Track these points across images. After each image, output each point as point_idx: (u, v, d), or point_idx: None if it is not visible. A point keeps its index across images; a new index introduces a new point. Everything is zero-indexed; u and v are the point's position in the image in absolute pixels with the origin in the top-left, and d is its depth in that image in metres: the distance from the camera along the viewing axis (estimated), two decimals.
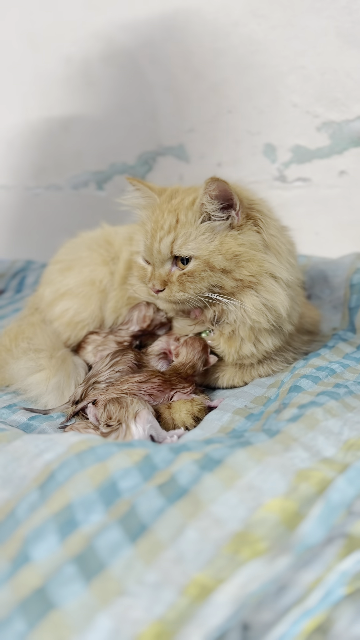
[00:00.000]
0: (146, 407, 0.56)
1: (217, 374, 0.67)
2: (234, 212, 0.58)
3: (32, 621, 0.28)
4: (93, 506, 0.36)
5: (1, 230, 1.42)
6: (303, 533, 0.32)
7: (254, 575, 0.29)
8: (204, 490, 0.36)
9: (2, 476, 0.41)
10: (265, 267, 0.58)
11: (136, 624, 0.28)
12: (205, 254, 0.58)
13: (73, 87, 1.16)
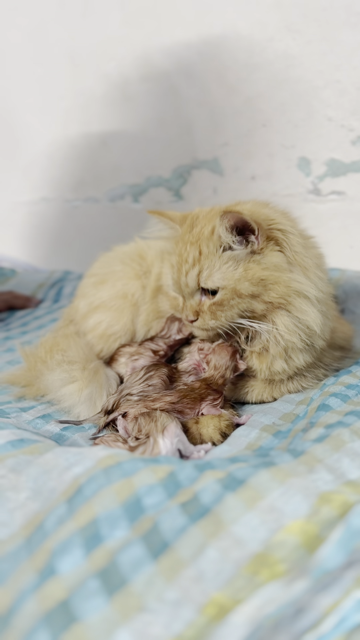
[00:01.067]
0: (174, 421, 0.57)
1: (247, 389, 0.67)
2: (253, 237, 0.59)
3: (55, 633, 0.29)
4: (118, 522, 0.37)
5: (41, 240, 1.47)
6: (322, 557, 0.32)
7: (272, 597, 0.30)
8: (225, 510, 0.37)
9: (32, 488, 0.43)
10: (293, 287, 0.58)
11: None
12: (231, 283, 0.59)
13: (111, 104, 1.19)
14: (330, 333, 0.68)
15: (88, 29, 1.17)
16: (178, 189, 1.15)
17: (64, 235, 1.40)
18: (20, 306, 1.19)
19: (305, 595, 0.31)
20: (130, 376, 0.69)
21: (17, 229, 1.52)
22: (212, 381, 0.64)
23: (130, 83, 1.14)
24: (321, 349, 0.66)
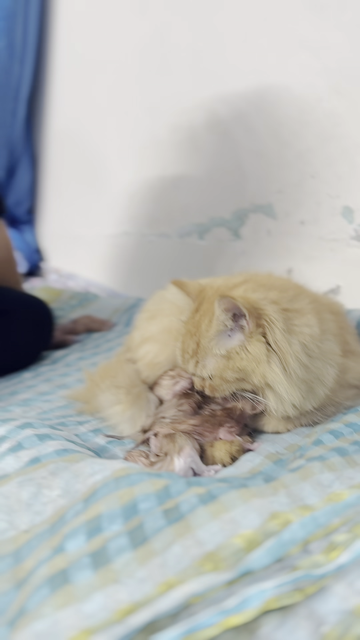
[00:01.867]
0: (190, 443, 0.68)
1: (263, 421, 0.77)
2: (244, 321, 0.66)
3: (54, 588, 0.42)
4: (115, 519, 0.50)
5: (121, 269, 1.64)
6: (251, 559, 0.42)
7: (204, 582, 0.40)
8: (195, 517, 0.48)
9: (63, 488, 0.56)
10: (267, 379, 0.66)
11: (118, 602, 0.40)
12: (219, 373, 0.68)
13: (181, 151, 1.33)
14: (343, 373, 0.75)
15: (163, 85, 1.32)
16: (237, 229, 1.26)
17: (140, 266, 1.56)
18: (97, 329, 1.36)
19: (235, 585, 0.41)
20: (166, 401, 0.81)
21: (103, 258, 1.71)
22: (232, 411, 0.75)
23: (197, 133, 1.28)
24: (332, 389, 0.74)
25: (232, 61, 1.17)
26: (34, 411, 0.89)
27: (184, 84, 1.27)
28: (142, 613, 0.38)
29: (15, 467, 0.62)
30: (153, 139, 1.40)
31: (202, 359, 0.70)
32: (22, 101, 1.74)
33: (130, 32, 1.39)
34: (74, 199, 1.79)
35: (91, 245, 1.73)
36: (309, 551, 0.45)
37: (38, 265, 1.99)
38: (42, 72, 1.76)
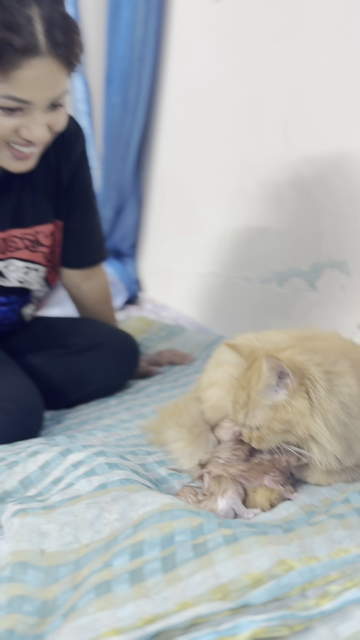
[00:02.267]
0: (234, 487, 0.79)
1: (307, 473, 0.85)
2: (288, 379, 0.75)
3: (98, 594, 0.55)
4: (155, 546, 0.61)
5: (207, 305, 1.77)
6: (252, 595, 0.52)
7: (211, 607, 0.51)
8: (218, 554, 0.59)
9: (120, 514, 0.69)
10: (311, 431, 0.74)
11: (144, 613, 0.52)
12: (266, 424, 0.77)
13: (267, 205, 1.44)
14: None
15: (254, 144, 1.44)
16: (313, 281, 1.34)
17: (224, 304, 1.68)
18: (179, 362, 1.49)
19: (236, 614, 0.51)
20: (222, 443, 0.92)
21: (192, 293, 1.85)
22: (278, 462, 0.84)
23: (282, 190, 1.38)
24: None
25: (317, 127, 1.27)
26: (113, 437, 1.03)
27: (272, 144, 1.38)
28: (159, 623, 0.50)
29: (87, 489, 0.76)
30: (242, 191, 1.52)
31: (251, 410, 0.80)
32: (133, 149, 1.94)
33: (229, 95, 1.53)
34: (171, 237, 1.95)
35: (183, 281, 1.88)
36: (305, 596, 0.54)
37: (137, 295, 2.18)
38: (151, 124, 1.96)
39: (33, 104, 0.89)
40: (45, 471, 0.85)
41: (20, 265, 1.18)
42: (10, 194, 1.11)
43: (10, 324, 1.26)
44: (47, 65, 0.86)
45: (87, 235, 1.26)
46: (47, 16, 0.85)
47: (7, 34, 0.81)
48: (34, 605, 0.56)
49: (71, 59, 0.90)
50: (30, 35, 0.83)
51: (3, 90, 0.85)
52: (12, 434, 1.00)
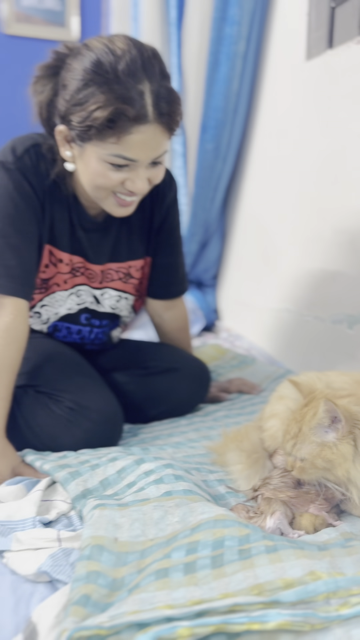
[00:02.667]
0: (282, 510, 0.89)
1: (351, 506, 0.93)
2: (340, 425, 0.84)
3: (158, 578, 0.68)
4: (207, 547, 0.73)
5: (279, 339, 1.87)
6: (282, 594, 0.63)
7: (247, 599, 0.62)
8: (259, 560, 0.70)
9: (180, 517, 0.82)
10: (350, 475, 0.83)
11: (192, 596, 0.64)
12: (310, 458, 0.86)
13: (342, 250, 1.54)
14: None
15: (333, 193, 1.55)
16: None
17: (295, 340, 1.78)
18: (247, 392, 1.60)
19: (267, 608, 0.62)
20: (275, 470, 1.02)
21: (265, 326, 1.96)
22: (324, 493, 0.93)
23: (356, 236, 1.47)
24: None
25: None
26: (180, 453, 1.16)
27: (349, 194, 1.48)
28: (204, 605, 0.62)
29: (155, 494, 0.89)
30: (319, 235, 1.62)
31: (300, 442, 0.90)
32: (220, 191, 2.10)
33: (311, 146, 1.64)
34: (250, 272, 2.08)
35: (258, 314, 2.00)
36: (329, 603, 0.64)
37: (214, 323, 2.32)
38: (239, 169, 2.11)
39: (138, 162, 1.06)
40: (121, 475, 0.99)
41: (114, 294, 1.35)
42: (111, 234, 1.29)
43: (100, 344, 1.44)
44: (152, 131, 1.03)
45: (171, 271, 1.43)
46: (155, 90, 1.02)
47: (122, 106, 0.99)
48: (106, 580, 0.70)
49: (172, 125, 1.07)
50: (140, 107, 1.00)
51: (115, 150, 1.03)
52: (95, 441, 1.16)
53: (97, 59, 1.00)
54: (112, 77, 0.98)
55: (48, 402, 1.18)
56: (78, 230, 1.24)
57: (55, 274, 1.26)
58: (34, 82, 1.13)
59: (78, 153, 1.09)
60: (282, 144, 1.85)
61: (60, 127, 1.08)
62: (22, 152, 1.13)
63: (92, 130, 1.01)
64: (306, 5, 1.66)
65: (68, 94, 1.03)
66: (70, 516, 0.94)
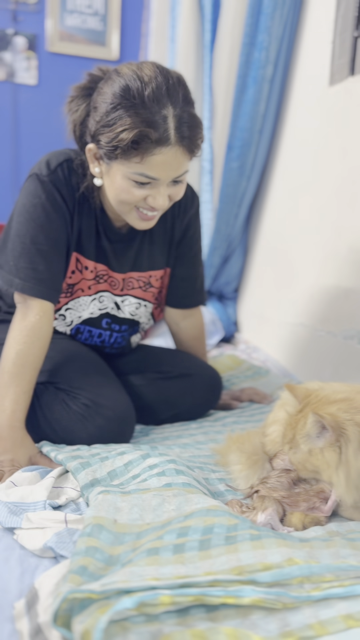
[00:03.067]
0: (274, 507, 0.95)
1: (342, 508, 0.98)
2: (327, 434, 0.90)
3: (149, 555, 0.74)
4: (197, 532, 0.80)
5: (294, 352, 1.93)
6: (259, 575, 0.69)
7: (226, 576, 0.69)
8: (243, 546, 0.76)
9: (177, 506, 0.89)
10: (332, 480, 0.89)
11: (178, 572, 0.71)
12: (302, 461, 0.93)
13: (355, 268, 1.59)
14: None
15: (350, 215, 1.61)
16: None
17: (308, 354, 1.83)
18: (258, 401, 1.66)
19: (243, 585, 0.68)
20: (274, 471, 1.08)
21: (281, 339, 2.02)
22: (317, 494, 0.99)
23: None
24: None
25: None
26: (187, 454, 1.23)
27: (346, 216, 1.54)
28: (187, 579, 0.68)
29: (155, 485, 0.96)
30: (335, 253, 1.68)
31: (294, 447, 0.96)
32: (244, 207, 2.17)
33: (332, 168, 1.71)
34: (268, 286, 2.14)
35: (274, 327, 2.05)
36: (303, 587, 0.70)
37: (233, 335, 2.38)
38: (263, 187, 2.18)
39: (160, 181, 1.15)
40: (128, 468, 1.06)
41: (134, 301, 1.44)
42: (134, 245, 1.38)
43: (119, 348, 1.52)
44: (174, 153, 1.12)
45: (189, 282, 1.50)
46: (178, 115, 1.10)
47: (147, 129, 1.08)
48: (103, 556, 0.77)
49: (193, 148, 1.16)
50: (163, 131, 1.09)
51: (138, 169, 1.12)
52: (107, 437, 1.24)
53: (126, 85, 1.08)
54: (138, 102, 1.07)
55: (65, 398, 1.26)
56: (103, 240, 1.33)
57: (81, 280, 1.35)
58: (69, 102, 1.24)
59: (105, 170, 1.19)
60: (303, 164, 1.91)
61: (90, 145, 1.18)
62: (55, 166, 1.23)
63: (118, 150, 1.10)
64: (331, 34, 1.73)
65: (98, 116, 1.13)
66: (78, 502, 1.01)
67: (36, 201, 1.22)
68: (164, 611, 0.66)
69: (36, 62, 3.14)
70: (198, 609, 0.67)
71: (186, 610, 0.67)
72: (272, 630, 0.64)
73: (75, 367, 1.34)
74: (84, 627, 0.61)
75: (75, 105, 1.22)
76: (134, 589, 0.66)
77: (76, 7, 3.18)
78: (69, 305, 1.38)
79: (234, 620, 0.66)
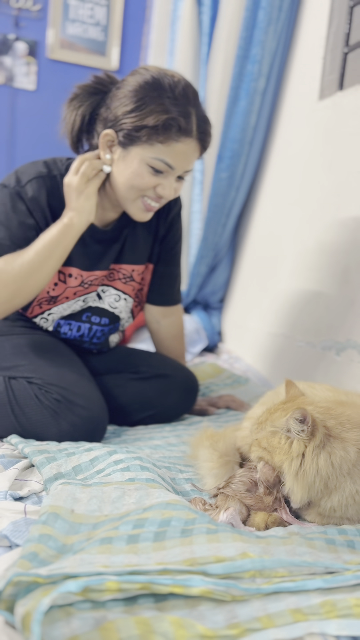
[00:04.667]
0: (237, 507, 0.93)
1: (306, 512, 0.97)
2: (306, 427, 0.89)
3: (102, 543, 0.73)
4: (154, 524, 0.79)
5: (274, 362, 1.92)
6: (210, 567, 0.68)
7: (176, 567, 0.68)
8: (198, 539, 0.74)
9: (137, 499, 0.87)
10: (283, 469, 0.89)
11: (129, 562, 0.70)
12: (258, 439, 0.94)
13: (335, 281, 1.60)
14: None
15: (330, 225, 1.62)
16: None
17: (288, 364, 1.83)
18: (235, 408, 1.65)
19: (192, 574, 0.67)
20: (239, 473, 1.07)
21: (262, 349, 2.02)
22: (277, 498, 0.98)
23: (349, 268, 1.54)
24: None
25: None
26: (157, 455, 1.22)
27: (347, 230, 1.55)
28: (137, 568, 0.67)
29: (118, 479, 0.95)
30: (317, 266, 1.69)
31: (263, 428, 0.96)
32: (232, 217, 2.19)
33: (317, 181, 1.73)
34: (253, 297, 2.15)
35: (256, 337, 2.05)
36: (254, 581, 0.69)
37: (217, 345, 2.37)
38: (251, 198, 2.20)
39: (174, 171, 1.23)
40: (93, 463, 1.05)
41: (113, 292, 1.45)
42: (120, 239, 1.40)
43: (98, 344, 1.51)
44: (193, 146, 1.22)
45: (171, 279, 1.52)
46: (199, 114, 1.22)
47: (177, 117, 1.17)
48: (56, 544, 0.76)
49: (205, 145, 1.27)
50: (189, 122, 1.19)
51: (159, 154, 1.20)
52: (78, 435, 1.23)
53: (158, 78, 1.18)
54: (170, 94, 1.17)
55: (38, 393, 1.25)
56: (90, 245, 1.36)
57: (65, 289, 1.36)
58: (71, 99, 1.28)
59: (121, 155, 1.23)
60: (292, 177, 1.93)
61: (108, 130, 1.23)
62: (25, 183, 1.27)
63: (144, 132, 1.17)
64: (322, 50, 1.77)
65: (121, 103, 1.20)
66: (40, 495, 1.00)
67: (4, 207, 1.26)
68: (111, 598, 0.65)
69: (36, 68, 3.17)
70: (146, 599, 0.66)
71: (134, 599, 0.66)
72: (218, 621, 0.63)
73: (49, 362, 1.33)
74: (26, 609, 0.59)
75: (78, 101, 1.28)
76: (81, 574, 0.65)
77: (78, 17, 3.22)
78: (52, 311, 1.38)
79: (181, 611, 0.64)
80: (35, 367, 1.30)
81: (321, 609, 0.64)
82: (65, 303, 1.37)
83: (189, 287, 2.38)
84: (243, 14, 1.94)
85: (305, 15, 1.92)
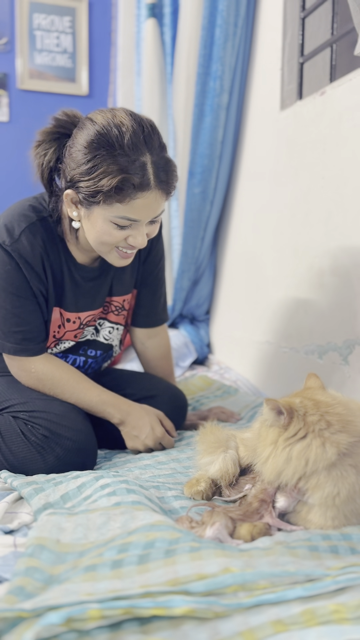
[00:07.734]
0: (222, 521, 0.95)
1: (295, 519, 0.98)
2: (282, 417, 0.93)
3: (86, 571, 0.74)
4: (138, 547, 0.80)
5: (262, 370, 1.94)
6: (192, 585, 0.69)
7: (159, 589, 0.69)
8: (181, 558, 0.76)
9: (122, 523, 0.88)
10: (257, 451, 0.92)
11: (114, 587, 0.71)
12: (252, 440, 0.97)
13: (312, 285, 1.62)
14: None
15: (304, 235, 1.64)
16: (346, 356, 1.48)
17: (274, 371, 1.85)
18: (225, 420, 1.66)
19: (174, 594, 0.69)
20: None
21: (250, 358, 2.03)
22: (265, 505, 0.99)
23: (324, 272, 1.56)
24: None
25: (355, 222, 1.45)
26: (147, 474, 1.23)
27: (318, 234, 1.58)
28: (120, 593, 0.68)
29: (105, 505, 0.96)
30: (293, 272, 1.71)
31: None
32: (210, 231, 2.21)
33: (285, 189, 1.76)
34: (237, 306, 2.17)
35: (243, 347, 2.07)
36: (237, 595, 0.70)
37: (207, 357, 2.39)
38: (226, 210, 2.23)
39: (140, 222, 1.19)
40: (81, 490, 1.06)
41: (108, 325, 1.47)
42: (109, 273, 1.41)
43: (92, 374, 1.53)
44: (154, 196, 1.16)
45: (154, 300, 1.54)
46: (155, 161, 1.14)
47: (128, 175, 1.11)
48: (43, 576, 0.77)
49: (169, 190, 1.20)
50: (143, 176, 1.12)
51: (120, 213, 1.16)
52: (66, 468, 1.23)
53: (103, 132, 1.11)
54: (118, 150, 1.09)
55: (24, 428, 1.25)
56: (81, 284, 1.37)
57: (65, 333, 1.38)
58: (35, 146, 1.26)
59: (85, 214, 1.21)
60: (261, 186, 1.97)
61: (68, 191, 1.19)
62: (19, 234, 1.25)
63: (100, 196, 1.13)
64: (279, 61, 1.80)
65: (75, 164, 1.15)
66: (31, 527, 1.01)
67: (7, 268, 1.25)
68: (95, 626, 0.66)
69: (7, 100, 3.21)
70: (131, 623, 0.67)
71: (119, 624, 0.67)
72: (202, 639, 0.64)
73: (39, 394, 1.34)
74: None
75: (42, 149, 1.24)
76: (64, 604, 0.66)
77: (45, 46, 3.27)
78: (53, 350, 1.40)
79: (165, 632, 0.65)
80: (26, 400, 1.31)
81: (301, 618, 0.65)
82: (67, 341, 1.40)
83: (174, 301, 2.40)
84: (200, 32, 1.99)
85: (261, 29, 1.97)
